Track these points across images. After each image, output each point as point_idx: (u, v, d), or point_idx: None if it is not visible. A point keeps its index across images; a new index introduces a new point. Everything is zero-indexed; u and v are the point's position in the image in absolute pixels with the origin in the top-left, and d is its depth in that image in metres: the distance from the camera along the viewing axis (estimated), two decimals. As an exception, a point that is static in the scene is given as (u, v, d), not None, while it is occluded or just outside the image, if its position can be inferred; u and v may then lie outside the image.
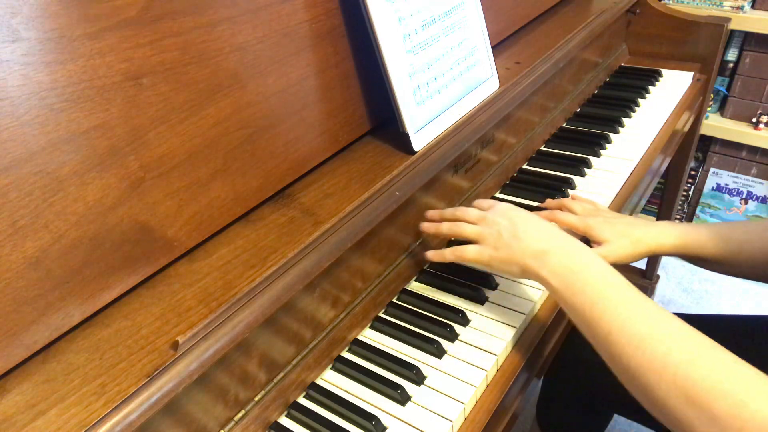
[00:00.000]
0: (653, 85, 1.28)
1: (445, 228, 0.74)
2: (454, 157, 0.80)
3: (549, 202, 0.89)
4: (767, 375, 0.49)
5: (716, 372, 0.49)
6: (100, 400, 0.46)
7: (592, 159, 1.03)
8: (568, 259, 0.63)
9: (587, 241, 0.80)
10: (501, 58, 0.98)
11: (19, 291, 0.46)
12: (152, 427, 0.50)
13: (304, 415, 0.63)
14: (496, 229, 0.69)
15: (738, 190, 1.87)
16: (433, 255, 0.76)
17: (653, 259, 1.69)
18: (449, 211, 0.76)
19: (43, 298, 0.48)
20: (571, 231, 0.81)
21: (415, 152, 0.74)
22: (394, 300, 0.78)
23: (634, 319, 0.56)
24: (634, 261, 0.80)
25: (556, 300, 0.64)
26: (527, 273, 0.67)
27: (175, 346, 0.50)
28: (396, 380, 0.66)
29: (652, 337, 0.53)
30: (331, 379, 0.68)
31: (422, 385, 0.66)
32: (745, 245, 0.74)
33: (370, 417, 0.62)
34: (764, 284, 1.80)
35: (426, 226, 0.77)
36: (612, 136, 1.11)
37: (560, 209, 0.85)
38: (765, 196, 1.84)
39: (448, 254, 0.73)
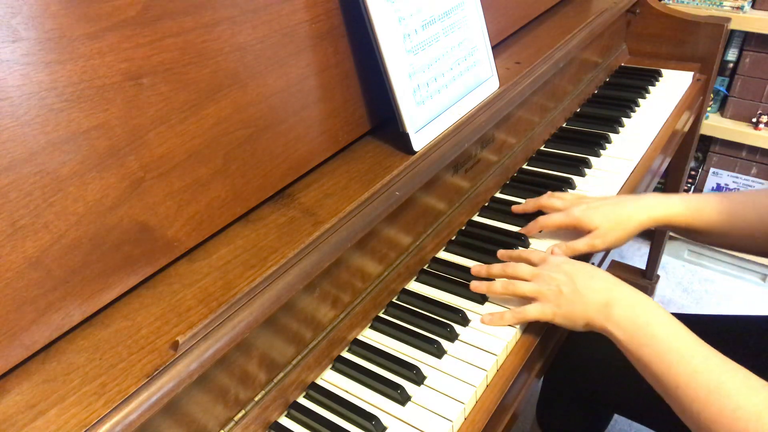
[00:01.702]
0: (653, 85, 1.28)
1: (499, 288, 0.72)
2: (454, 157, 0.80)
3: (525, 205, 0.87)
4: None
5: None
6: (100, 400, 0.46)
7: (592, 159, 1.03)
8: (631, 311, 0.64)
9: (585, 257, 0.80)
10: (501, 58, 0.98)
11: (19, 291, 0.46)
12: (152, 427, 0.50)
13: (304, 415, 0.63)
14: (555, 285, 0.69)
15: (738, 190, 1.87)
16: (491, 320, 0.72)
17: (653, 259, 1.69)
18: (497, 267, 0.75)
19: (43, 298, 0.48)
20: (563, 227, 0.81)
21: (415, 152, 0.74)
22: (394, 300, 0.78)
23: (701, 371, 0.57)
24: (630, 239, 0.80)
25: (623, 351, 0.65)
26: (592, 326, 0.67)
27: (175, 346, 0.50)
28: (396, 380, 0.66)
29: (720, 391, 0.55)
30: (331, 379, 0.68)
31: (422, 385, 0.66)
32: (737, 216, 0.75)
33: (370, 417, 0.62)
34: (764, 284, 1.80)
35: (476, 286, 0.75)
36: (612, 136, 1.11)
37: (541, 209, 0.85)
38: None
39: (509, 317, 0.71)
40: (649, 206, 0.79)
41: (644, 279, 1.73)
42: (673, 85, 1.28)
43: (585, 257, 0.81)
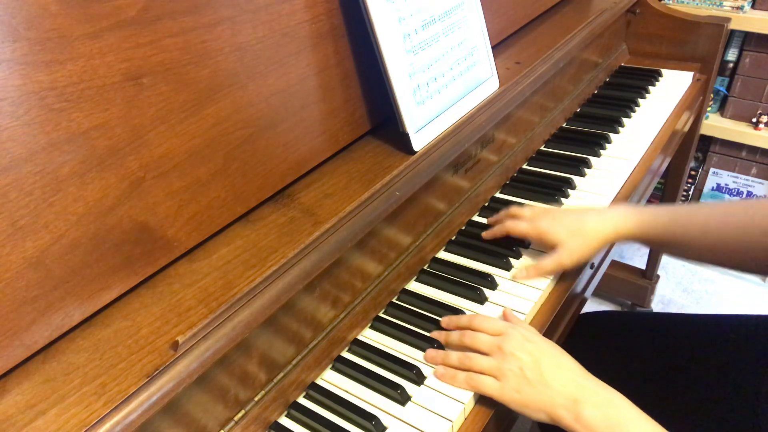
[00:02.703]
0: (653, 85, 1.28)
1: (455, 361, 0.66)
2: (454, 157, 0.80)
3: (497, 216, 0.86)
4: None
5: None
6: (100, 400, 0.46)
7: (592, 159, 1.03)
8: (604, 412, 0.58)
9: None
10: (501, 58, 0.98)
11: (19, 291, 0.46)
12: (152, 427, 0.50)
13: (304, 415, 0.63)
14: (517, 365, 0.62)
15: (738, 190, 1.87)
16: (442, 374, 0.66)
17: (653, 259, 1.69)
18: (455, 335, 0.68)
19: (43, 298, 0.48)
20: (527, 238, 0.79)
21: (415, 152, 0.74)
22: (394, 300, 0.78)
23: None
24: (595, 255, 0.76)
25: None
26: (556, 422, 0.60)
27: (175, 346, 0.50)
28: (396, 380, 0.66)
29: None
30: (331, 379, 0.68)
31: (422, 385, 0.66)
32: (705, 232, 0.71)
33: (370, 417, 0.62)
34: (764, 284, 1.80)
35: (431, 356, 0.68)
36: (612, 136, 1.11)
37: (509, 217, 0.83)
38: (765, 196, 1.84)
39: (461, 381, 0.64)
40: (614, 219, 0.75)
41: (644, 279, 1.73)
42: (673, 85, 1.28)
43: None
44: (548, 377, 0.61)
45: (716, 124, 1.75)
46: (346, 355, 0.71)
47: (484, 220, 0.91)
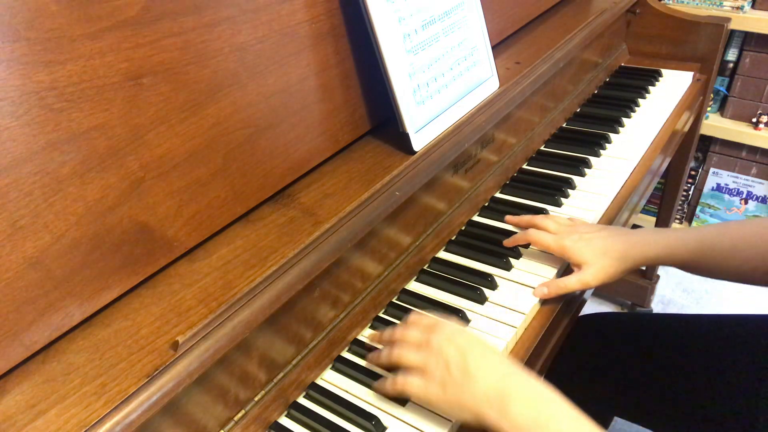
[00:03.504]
0: (653, 85, 1.28)
1: (384, 357, 0.64)
2: (454, 157, 0.80)
3: (519, 219, 0.84)
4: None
5: None
6: (100, 400, 0.46)
7: (592, 159, 1.03)
8: (532, 407, 0.54)
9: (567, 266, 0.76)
10: (501, 58, 0.98)
11: (19, 291, 0.46)
12: (152, 427, 0.50)
13: (304, 415, 0.63)
14: (443, 359, 0.58)
15: (738, 190, 1.87)
16: (378, 385, 0.64)
17: (653, 259, 1.68)
18: (387, 333, 0.67)
19: (43, 298, 0.48)
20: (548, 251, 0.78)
21: (415, 152, 0.74)
22: (394, 300, 0.78)
23: None
24: (619, 278, 0.75)
25: None
26: (482, 421, 0.55)
27: (175, 346, 0.50)
28: (396, 380, 0.66)
29: None
30: (331, 379, 0.68)
31: (422, 385, 0.66)
32: (734, 252, 0.71)
33: (370, 417, 0.62)
34: (757, 286, 1.80)
35: (370, 358, 0.67)
36: (612, 136, 1.11)
37: (532, 226, 0.81)
38: (765, 196, 1.84)
39: (389, 387, 0.62)
40: (641, 243, 0.74)
41: (644, 279, 1.73)
42: (673, 85, 1.28)
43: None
44: (474, 371, 0.56)
45: (716, 124, 1.75)
46: (346, 355, 0.71)
47: (484, 220, 0.91)
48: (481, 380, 0.56)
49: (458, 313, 0.73)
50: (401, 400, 0.64)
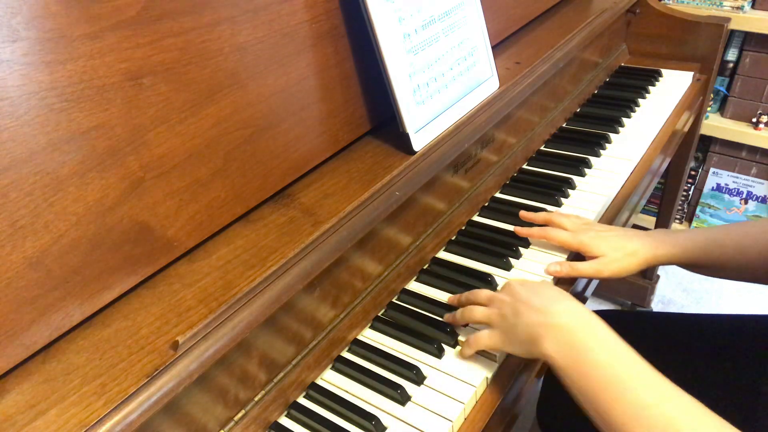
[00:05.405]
0: (653, 85, 1.28)
1: (459, 316, 0.70)
2: (454, 157, 0.80)
3: (536, 215, 0.86)
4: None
5: None
6: (100, 400, 0.46)
7: (592, 159, 1.03)
8: (571, 334, 0.58)
9: (581, 257, 0.80)
10: (501, 58, 0.98)
11: (19, 291, 0.46)
12: (152, 427, 0.50)
13: (304, 415, 0.63)
14: (504, 308, 0.64)
15: (738, 190, 1.87)
16: (462, 348, 0.68)
17: (653, 259, 1.68)
18: (464, 296, 0.72)
19: (43, 298, 0.48)
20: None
21: (415, 152, 0.74)
22: (394, 300, 0.78)
23: (654, 405, 0.51)
24: (631, 274, 0.78)
25: (563, 379, 0.58)
26: (532, 352, 0.60)
27: (175, 346, 0.50)
28: (396, 380, 0.66)
29: (674, 425, 0.49)
30: (331, 379, 0.68)
31: (422, 385, 0.66)
32: (742, 250, 0.73)
33: (370, 417, 0.62)
34: (764, 284, 1.80)
35: (447, 317, 0.73)
36: (612, 136, 1.10)
37: (549, 223, 0.84)
38: (765, 196, 1.84)
39: (467, 347, 0.67)
40: (653, 243, 0.77)
41: (644, 279, 1.73)
42: (673, 85, 1.28)
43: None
44: (522, 308, 0.62)
45: (716, 124, 1.74)
46: (346, 355, 0.71)
47: (484, 220, 0.91)
48: (527, 313, 0.61)
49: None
50: (401, 399, 0.64)
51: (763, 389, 0.74)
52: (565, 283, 0.80)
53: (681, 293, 1.83)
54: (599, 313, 1.00)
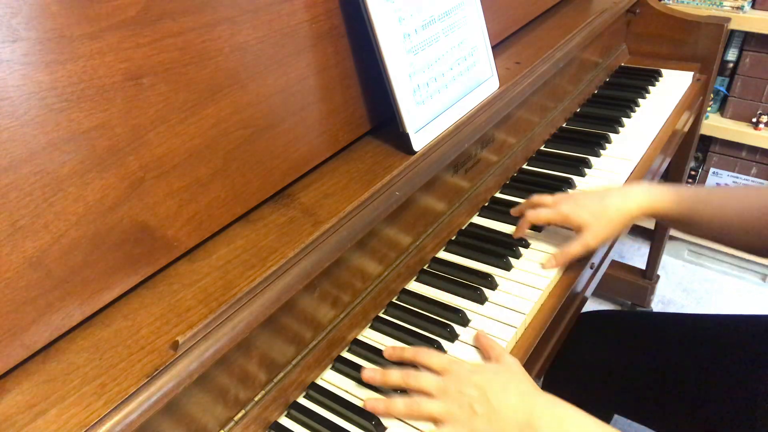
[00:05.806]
0: (653, 85, 1.28)
1: (402, 408, 0.60)
2: (454, 157, 0.80)
3: (520, 207, 0.86)
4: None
5: None
6: (100, 400, 0.46)
7: (592, 159, 1.03)
8: (560, 428, 0.56)
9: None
10: (501, 58, 0.98)
11: (19, 291, 0.46)
12: (152, 427, 0.50)
13: (304, 415, 0.63)
14: (467, 403, 0.58)
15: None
16: (378, 408, 0.61)
17: (653, 259, 1.69)
18: (396, 375, 0.63)
19: (43, 298, 0.48)
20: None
21: (415, 152, 0.74)
22: (394, 300, 0.78)
23: None
24: (620, 234, 0.78)
25: None
26: None
27: (175, 346, 0.50)
28: (396, 380, 0.66)
29: None
30: (331, 379, 0.68)
31: (422, 385, 0.66)
32: (725, 207, 0.73)
33: (370, 417, 0.62)
34: (764, 284, 1.80)
35: (372, 406, 0.62)
36: (612, 136, 1.10)
37: (529, 206, 0.83)
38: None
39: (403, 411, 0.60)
40: (637, 197, 0.77)
41: (644, 279, 1.73)
42: (673, 85, 1.28)
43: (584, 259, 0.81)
44: (498, 406, 0.57)
45: (716, 124, 1.74)
46: (346, 355, 0.71)
47: (484, 220, 0.91)
48: (507, 413, 0.57)
49: (458, 313, 0.73)
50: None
51: (762, 389, 0.74)
52: (563, 285, 0.80)
53: (681, 293, 1.83)
54: (599, 313, 1.00)
